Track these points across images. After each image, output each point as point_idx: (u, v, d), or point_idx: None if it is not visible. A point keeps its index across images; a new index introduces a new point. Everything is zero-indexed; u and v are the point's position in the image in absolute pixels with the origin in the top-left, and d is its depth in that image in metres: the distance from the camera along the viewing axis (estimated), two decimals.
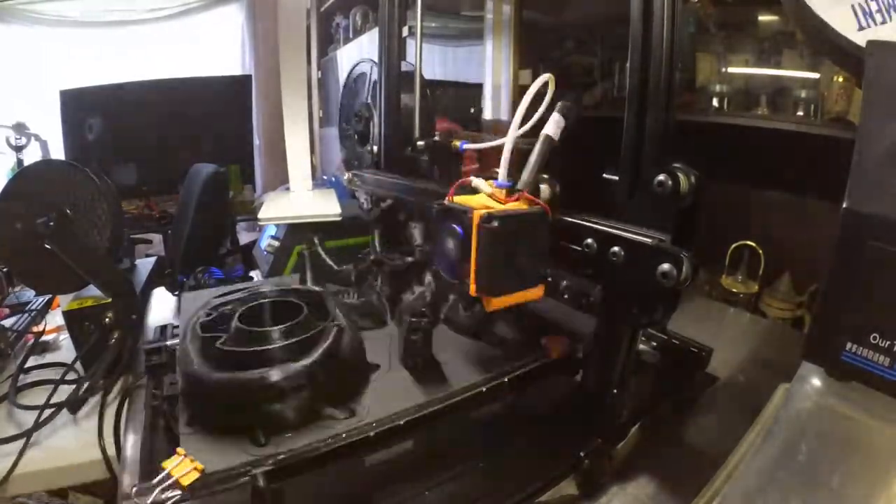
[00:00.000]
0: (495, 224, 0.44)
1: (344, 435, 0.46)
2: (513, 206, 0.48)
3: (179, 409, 0.50)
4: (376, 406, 0.51)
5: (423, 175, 0.85)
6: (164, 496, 0.39)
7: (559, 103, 0.53)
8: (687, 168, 0.47)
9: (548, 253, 0.50)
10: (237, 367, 0.48)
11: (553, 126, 0.51)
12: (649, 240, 0.46)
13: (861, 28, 0.40)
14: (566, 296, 0.59)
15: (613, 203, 0.52)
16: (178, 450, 0.43)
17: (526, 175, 0.50)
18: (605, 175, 0.53)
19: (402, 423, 0.48)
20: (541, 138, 0.52)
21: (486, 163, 0.63)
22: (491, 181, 0.51)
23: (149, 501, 0.39)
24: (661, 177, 0.46)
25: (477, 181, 0.52)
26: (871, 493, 0.35)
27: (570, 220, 0.53)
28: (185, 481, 0.40)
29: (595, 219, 0.52)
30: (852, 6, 0.40)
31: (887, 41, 0.39)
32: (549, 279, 0.55)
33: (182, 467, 0.41)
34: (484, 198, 0.50)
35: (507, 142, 0.52)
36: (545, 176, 0.52)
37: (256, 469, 0.42)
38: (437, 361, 0.60)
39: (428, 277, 0.75)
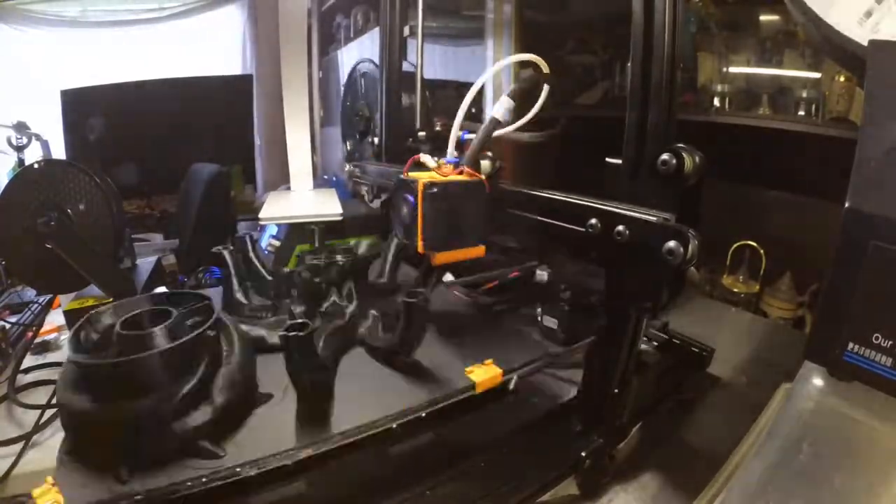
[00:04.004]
0: (435, 190, 0.52)
1: (204, 479, 0.42)
2: (454, 177, 0.55)
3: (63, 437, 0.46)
4: (256, 443, 0.46)
5: None
6: None
7: (511, 86, 0.60)
8: (691, 148, 0.47)
9: (486, 217, 0.56)
10: (111, 395, 0.43)
11: (501, 109, 0.58)
12: (654, 218, 0.46)
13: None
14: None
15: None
16: (48, 478, 0.42)
17: (469, 153, 0.57)
18: (607, 160, 0.53)
19: (269, 469, 0.44)
20: (487, 120, 0.58)
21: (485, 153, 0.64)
22: (441, 159, 0.58)
23: None
24: (665, 156, 0.47)
25: (424, 157, 0.59)
26: (873, 493, 0.35)
27: (512, 189, 0.60)
28: None
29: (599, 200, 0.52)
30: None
31: (889, 41, 0.39)
32: None
33: (46, 497, 0.40)
34: (433, 172, 0.57)
35: (455, 125, 0.59)
36: (489, 154, 0.60)
37: None
38: (331, 391, 0.52)
39: (350, 288, 0.67)
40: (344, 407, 0.51)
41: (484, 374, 0.55)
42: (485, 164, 0.60)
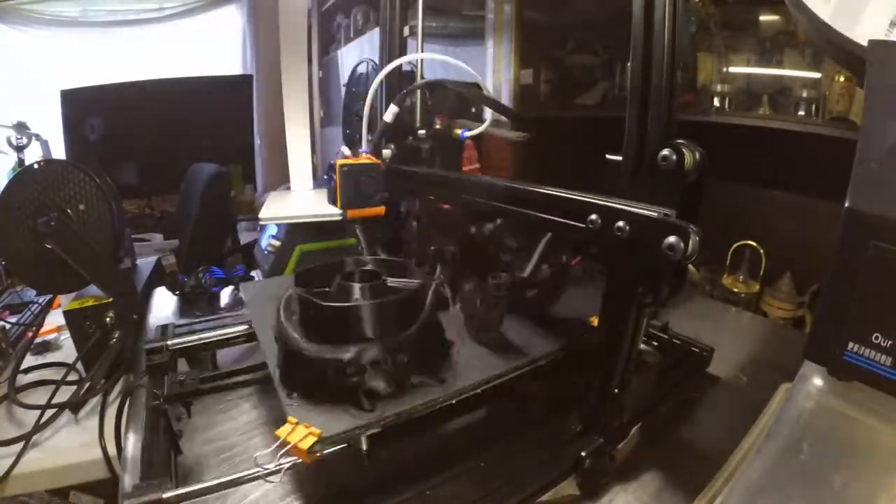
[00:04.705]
0: (346, 169, 0.76)
1: (442, 399, 0.51)
2: (362, 161, 0.79)
3: (279, 383, 0.52)
4: (459, 376, 0.55)
5: (424, 164, 0.87)
6: (285, 461, 0.43)
7: (398, 94, 0.80)
8: (692, 144, 0.47)
9: (381, 187, 0.79)
10: (334, 339, 0.51)
11: (389, 114, 0.80)
12: (655, 213, 0.46)
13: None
14: None
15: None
16: (290, 419, 0.46)
17: (372, 145, 0.81)
18: (608, 156, 0.53)
19: (491, 388, 0.54)
20: (380, 122, 0.82)
21: (484, 150, 0.68)
22: (357, 150, 0.82)
23: (271, 466, 0.43)
24: (666, 151, 0.46)
25: (343, 149, 0.83)
26: (873, 494, 0.35)
27: (402, 168, 0.82)
28: (304, 445, 0.43)
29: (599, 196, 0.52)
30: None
31: (889, 41, 0.39)
32: None
33: (298, 434, 0.44)
34: (348, 159, 0.79)
35: (364, 118, 0.82)
36: (391, 145, 0.84)
37: (370, 430, 0.47)
38: (506, 337, 0.63)
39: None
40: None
41: None
42: (386, 152, 0.84)
